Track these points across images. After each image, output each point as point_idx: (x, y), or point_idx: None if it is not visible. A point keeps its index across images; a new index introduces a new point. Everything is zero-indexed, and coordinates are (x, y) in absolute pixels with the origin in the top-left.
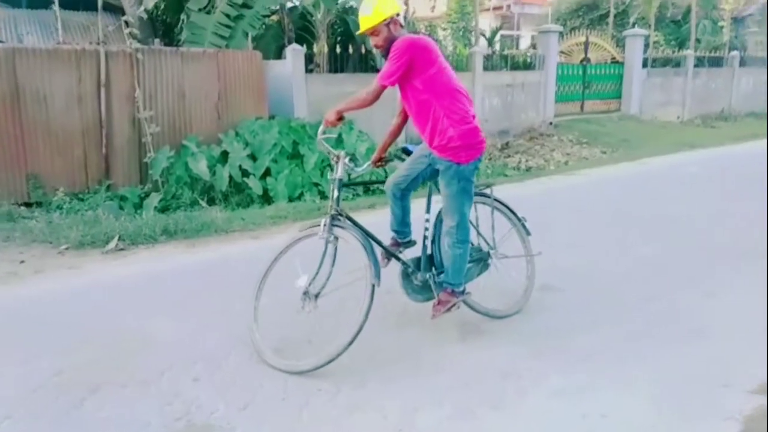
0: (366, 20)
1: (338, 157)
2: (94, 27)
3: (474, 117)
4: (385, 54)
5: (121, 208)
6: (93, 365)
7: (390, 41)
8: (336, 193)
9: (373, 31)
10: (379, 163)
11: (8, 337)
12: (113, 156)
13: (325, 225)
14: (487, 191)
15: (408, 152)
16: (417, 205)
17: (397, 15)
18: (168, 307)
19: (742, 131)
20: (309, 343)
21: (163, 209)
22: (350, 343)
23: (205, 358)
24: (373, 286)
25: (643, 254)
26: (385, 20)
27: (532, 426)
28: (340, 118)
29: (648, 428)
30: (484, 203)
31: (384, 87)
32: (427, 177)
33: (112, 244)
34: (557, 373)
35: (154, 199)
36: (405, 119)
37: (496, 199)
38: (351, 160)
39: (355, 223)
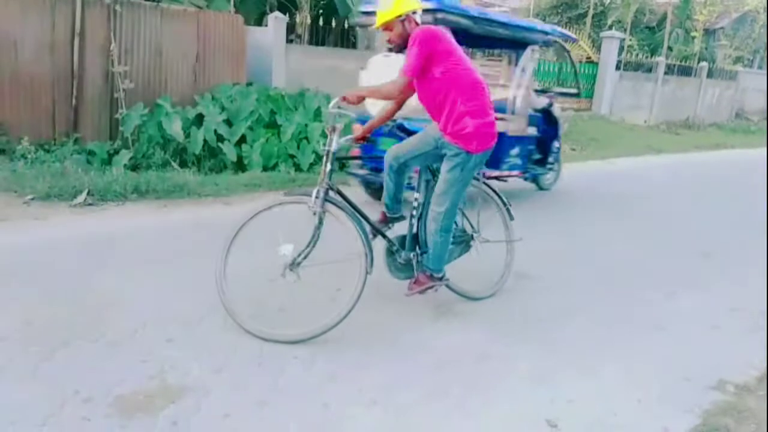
0: (382, 15)
1: (334, 129)
2: None
3: (492, 111)
4: (399, 50)
5: (89, 162)
6: (62, 319)
7: (403, 38)
8: (329, 167)
9: (387, 26)
10: (361, 141)
11: None
12: (83, 109)
13: (317, 197)
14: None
15: (404, 129)
16: None
17: (414, 12)
18: (139, 265)
19: (705, 140)
20: (282, 311)
21: (132, 167)
22: (336, 324)
23: (178, 319)
24: (366, 273)
25: (613, 249)
26: (400, 16)
27: (503, 408)
28: (361, 100)
29: (611, 415)
30: (472, 185)
31: (410, 78)
32: (431, 159)
33: (80, 198)
34: (528, 358)
35: (124, 157)
36: (400, 106)
37: (484, 183)
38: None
39: (345, 199)
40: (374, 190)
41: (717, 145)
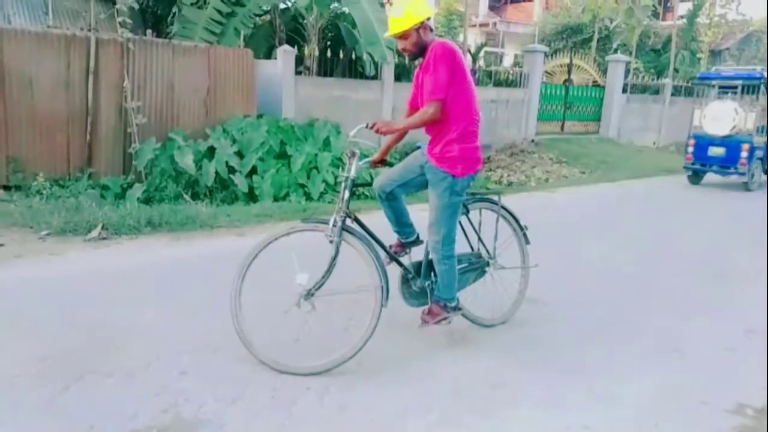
0: (396, 23)
1: (353, 155)
2: (83, 13)
3: (477, 137)
4: (413, 58)
5: (102, 197)
6: (76, 353)
7: (419, 46)
8: (347, 194)
9: (402, 35)
10: (379, 164)
11: None
12: (97, 144)
13: (335, 225)
14: (495, 198)
15: None
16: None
17: (428, 19)
18: (153, 298)
19: None
20: (296, 342)
21: (145, 201)
22: (349, 358)
23: (192, 351)
24: (382, 306)
25: (624, 273)
26: (416, 25)
27: None
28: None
29: None
30: (491, 209)
31: (442, 100)
32: (418, 186)
33: (95, 233)
34: (542, 385)
35: (138, 190)
36: None
37: (503, 207)
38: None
39: (362, 226)
40: None
41: None
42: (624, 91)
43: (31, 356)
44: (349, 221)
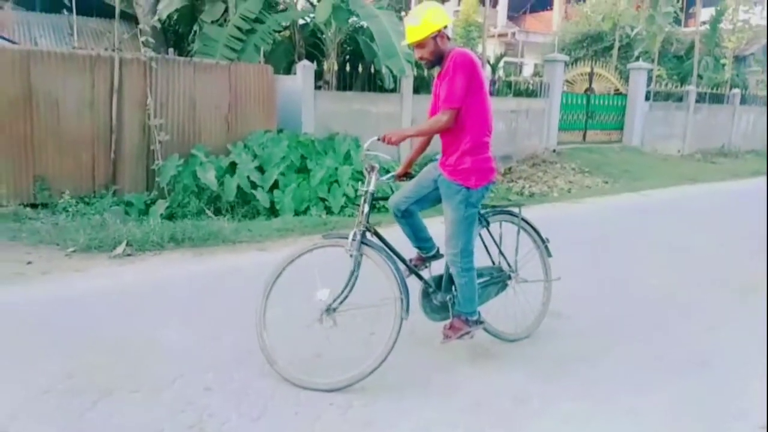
0: (413, 31)
1: (372, 169)
2: (107, 34)
3: (489, 148)
4: (430, 67)
5: (126, 213)
6: (103, 370)
7: (436, 55)
8: (366, 208)
9: (419, 44)
10: (404, 178)
11: (16, 338)
12: (121, 162)
13: (354, 240)
14: (516, 210)
15: None
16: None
17: (445, 27)
18: (177, 314)
19: (742, 168)
20: (319, 358)
21: (168, 217)
22: (372, 372)
23: (216, 367)
24: (402, 319)
25: (648, 284)
26: (432, 33)
27: None
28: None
29: None
30: (511, 222)
31: (457, 109)
32: (433, 201)
33: (119, 249)
34: (567, 399)
35: (161, 207)
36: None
37: (523, 219)
38: (378, 171)
39: (382, 240)
40: None
41: (755, 173)
42: (647, 98)
43: (60, 372)
44: (368, 235)
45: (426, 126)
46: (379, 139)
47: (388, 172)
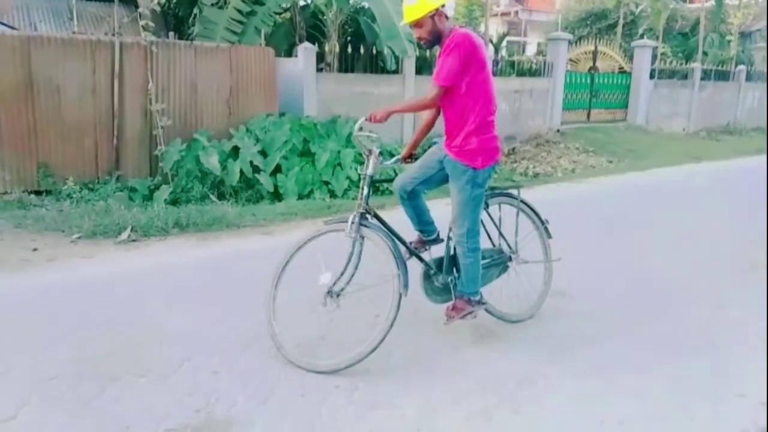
0: (411, 11)
1: (371, 152)
2: (106, 18)
3: (494, 127)
4: (429, 46)
5: (131, 199)
6: (111, 355)
7: (435, 34)
8: (366, 190)
9: (417, 23)
10: (409, 160)
11: (24, 324)
12: (124, 147)
13: (353, 223)
14: (515, 192)
15: None
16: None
17: (443, 6)
18: (183, 299)
19: (748, 145)
20: (323, 340)
21: (172, 202)
22: (372, 350)
23: (222, 351)
24: (400, 295)
25: (653, 264)
26: (430, 12)
27: (551, 430)
28: (389, 117)
29: None
30: (510, 204)
31: (445, 88)
32: (439, 181)
33: (124, 235)
34: (572, 380)
35: (165, 192)
36: (438, 113)
37: (522, 201)
38: (380, 154)
39: (381, 222)
40: None
41: (761, 150)
42: (651, 76)
43: (67, 358)
44: (368, 217)
45: (413, 102)
46: (366, 119)
47: (392, 155)
